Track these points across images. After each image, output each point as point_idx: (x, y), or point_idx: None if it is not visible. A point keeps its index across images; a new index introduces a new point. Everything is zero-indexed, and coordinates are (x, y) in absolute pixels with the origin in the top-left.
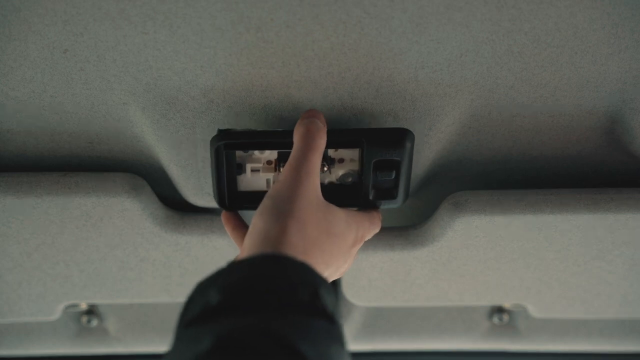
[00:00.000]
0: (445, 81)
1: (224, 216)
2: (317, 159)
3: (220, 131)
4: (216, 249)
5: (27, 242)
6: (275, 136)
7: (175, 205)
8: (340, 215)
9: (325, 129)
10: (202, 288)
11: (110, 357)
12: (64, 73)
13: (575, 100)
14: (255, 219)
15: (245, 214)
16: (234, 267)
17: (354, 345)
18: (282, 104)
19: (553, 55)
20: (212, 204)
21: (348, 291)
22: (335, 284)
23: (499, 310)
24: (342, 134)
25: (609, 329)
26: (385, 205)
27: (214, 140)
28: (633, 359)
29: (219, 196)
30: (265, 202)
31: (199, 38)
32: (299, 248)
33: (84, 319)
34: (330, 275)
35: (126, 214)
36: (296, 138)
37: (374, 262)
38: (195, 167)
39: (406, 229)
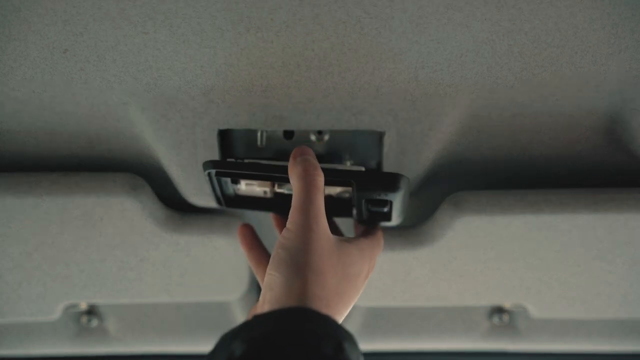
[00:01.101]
0: (445, 81)
1: (239, 232)
2: (321, 199)
3: (220, 131)
4: (216, 249)
5: (27, 242)
6: (268, 169)
7: (175, 205)
8: (353, 252)
9: (318, 165)
10: (227, 340)
11: (110, 357)
12: (64, 73)
13: (575, 100)
14: (273, 272)
15: (249, 216)
16: (259, 320)
17: None
18: (282, 104)
19: (553, 55)
20: (212, 204)
21: None
22: None
23: (499, 310)
24: (333, 174)
25: (609, 329)
26: (381, 225)
27: (206, 165)
28: (633, 359)
29: (216, 199)
30: (281, 253)
31: (199, 38)
32: (322, 300)
33: (84, 319)
34: (346, 311)
35: (126, 214)
36: (294, 179)
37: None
38: (195, 167)
39: (406, 229)
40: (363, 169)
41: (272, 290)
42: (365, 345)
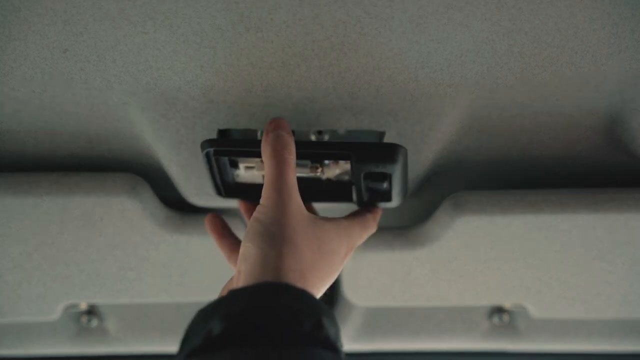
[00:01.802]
0: (445, 81)
1: (208, 222)
2: (292, 175)
3: (220, 131)
4: (216, 249)
5: (27, 242)
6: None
7: (175, 205)
8: (329, 229)
9: (292, 140)
10: (204, 316)
11: (110, 357)
12: (64, 73)
13: (575, 100)
14: (248, 244)
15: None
16: (236, 295)
17: (354, 345)
18: (282, 104)
19: (553, 55)
20: (212, 204)
21: (348, 291)
22: (335, 284)
23: (499, 310)
24: (329, 146)
25: (609, 329)
26: (382, 205)
27: (204, 144)
28: (633, 359)
29: (216, 188)
30: (255, 226)
31: (199, 38)
32: (296, 273)
33: (84, 319)
34: (324, 288)
35: (126, 214)
36: (266, 157)
37: (374, 262)
38: (195, 167)
39: (406, 229)
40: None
41: (246, 261)
42: (365, 345)
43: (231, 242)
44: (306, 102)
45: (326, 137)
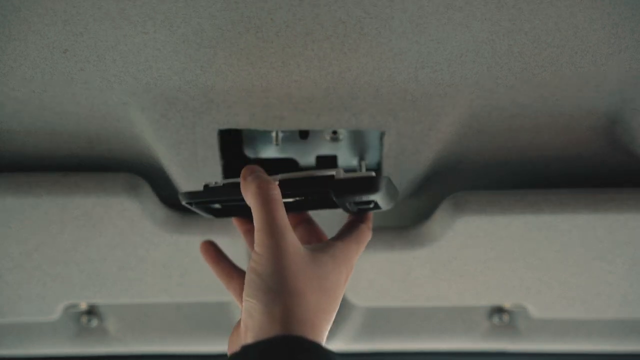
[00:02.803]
0: (445, 81)
1: (202, 249)
2: (281, 212)
3: (220, 131)
4: None
5: (27, 242)
6: (235, 192)
7: (175, 205)
8: (327, 261)
9: (270, 180)
10: None
11: (110, 357)
12: (64, 73)
13: (575, 100)
14: (250, 299)
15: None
16: (248, 351)
17: (354, 345)
18: (282, 104)
19: (553, 55)
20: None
21: (348, 291)
22: None
23: (499, 310)
24: (307, 184)
25: (609, 329)
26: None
27: (182, 197)
28: (633, 359)
29: (207, 214)
30: (255, 279)
31: (199, 38)
32: (307, 323)
33: (84, 319)
34: (332, 320)
35: (126, 214)
36: (250, 198)
37: (374, 262)
38: (195, 167)
39: (406, 229)
40: (336, 172)
41: (252, 318)
42: (365, 345)
43: (227, 268)
44: (306, 102)
45: (341, 137)
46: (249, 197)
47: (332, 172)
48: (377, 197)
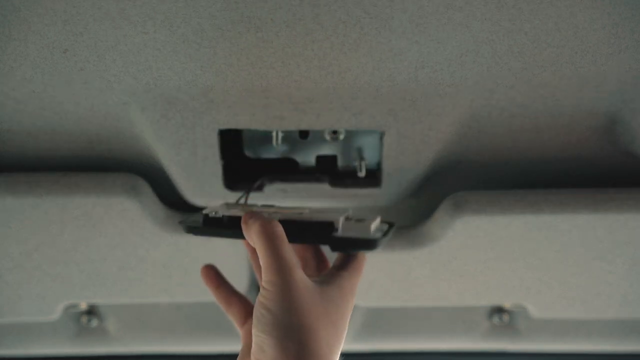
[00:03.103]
0: (445, 81)
1: (203, 273)
2: (289, 249)
3: (220, 131)
4: (216, 249)
5: (27, 242)
6: (235, 224)
7: (175, 205)
8: (335, 295)
9: (273, 221)
10: None
11: (110, 357)
12: (64, 73)
13: (575, 100)
14: (261, 334)
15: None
16: None
17: (354, 345)
18: (282, 104)
19: (553, 55)
20: (212, 204)
21: None
22: None
23: (499, 310)
24: (307, 233)
25: (609, 329)
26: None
27: (182, 224)
28: (633, 359)
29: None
30: (265, 315)
31: (199, 38)
32: (321, 356)
33: (84, 319)
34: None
35: (126, 214)
36: (254, 238)
37: (374, 262)
38: (195, 167)
39: (406, 229)
40: (338, 224)
41: (264, 353)
42: (365, 345)
43: (228, 293)
44: (306, 102)
45: (341, 137)
46: (253, 237)
47: (334, 219)
48: (376, 249)
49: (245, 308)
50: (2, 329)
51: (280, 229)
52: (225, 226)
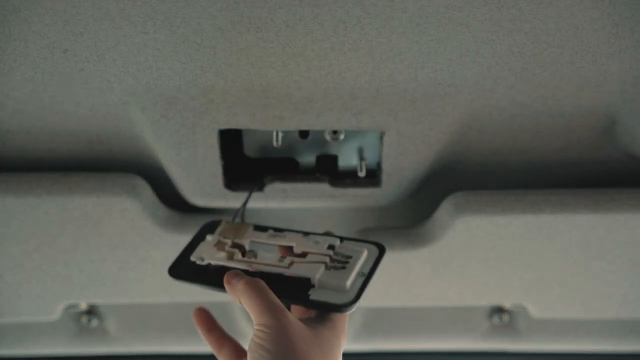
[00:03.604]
0: (445, 81)
1: (195, 316)
2: (276, 299)
3: (220, 131)
4: None
5: (27, 242)
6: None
7: (175, 205)
8: (328, 335)
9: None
10: None
11: (110, 357)
12: (64, 73)
13: (575, 100)
14: None
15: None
16: None
17: (354, 345)
18: (282, 104)
19: (553, 55)
20: (212, 204)
21: None
22: None
23: (499, 310)
24: (283, 291)
25: (609, 329)
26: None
27: (171, 271)
28: (633, 359)
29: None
30: (264, 355)
31: (199, 38)
32: None
33: (84, 319)
34: None
35: (126, 214)
36: (241, 296)
37: None
38: (195, 167)
39: (406, 229)
40: (315, 285)
41: None
42: (365, 345)
43: (219, 337)
44: (306, 102)
45: (341, 137)
46: (240, 294)
47: (312, 276)
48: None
49: (236, 351)
50: (2, 329)
51: (263, 283)
52: (212, 278)
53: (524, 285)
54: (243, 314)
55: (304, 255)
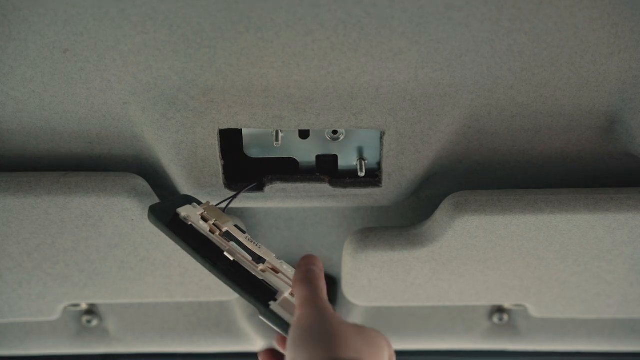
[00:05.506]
0: (445, 81)
1: (261, 357)
2: (325, 298)
3: (220, 131)
4: None
5: (27, 242)
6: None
7: None
8: (371, 331)
9: (323, 274)
10: None
11: (110, 357)
12: (64, 73)
13: (575, 100)
14: (301, 348)
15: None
16: None
17: None
18: (282, 104)
19: (553, 55)
20: (212, 203)
21: (348, 291)
22: (336, 284)
23: (499, 310)
24: (246, 293)
25: (609, 329)
26: None
27: (152, 209)
28: (633, 359)
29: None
30: (302, 334)
31: (199, 38)
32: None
33: (84, 319)
34: None
35: (126, 214)
36: (297, 286)
37: (374, 262)
38: (195, 167)
39: (406, 229)
40: (278, 301)
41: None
42: None
43: None
44: (306, 102)
45: (341, 137)
46: (297, 283)
47: (280, 290)
48: None
49: None
50: (2, 329)
51: (323, 284)
52: (189, 237)
53: (524, 285)
54: (243, 312)
55: (275, 271)
